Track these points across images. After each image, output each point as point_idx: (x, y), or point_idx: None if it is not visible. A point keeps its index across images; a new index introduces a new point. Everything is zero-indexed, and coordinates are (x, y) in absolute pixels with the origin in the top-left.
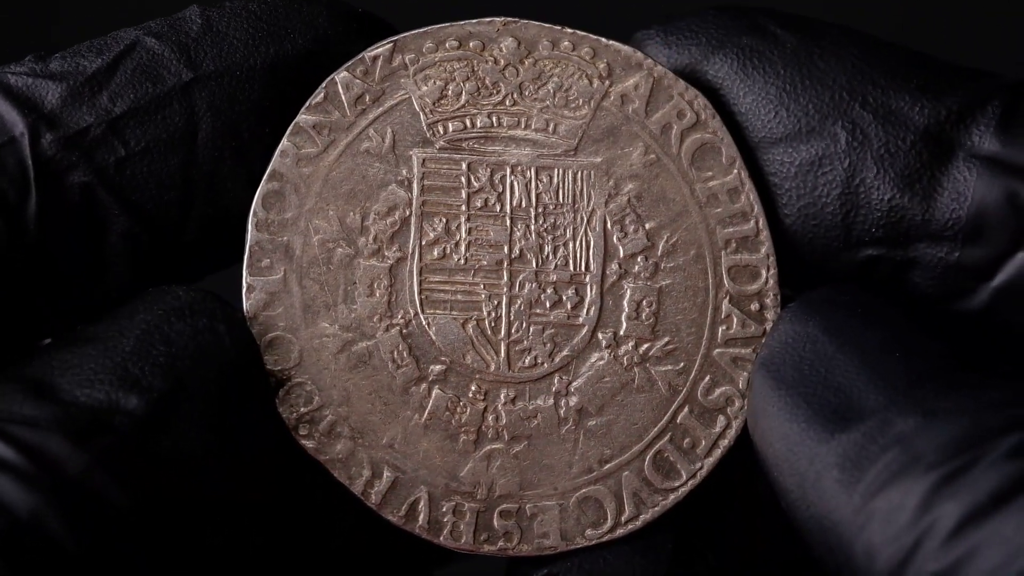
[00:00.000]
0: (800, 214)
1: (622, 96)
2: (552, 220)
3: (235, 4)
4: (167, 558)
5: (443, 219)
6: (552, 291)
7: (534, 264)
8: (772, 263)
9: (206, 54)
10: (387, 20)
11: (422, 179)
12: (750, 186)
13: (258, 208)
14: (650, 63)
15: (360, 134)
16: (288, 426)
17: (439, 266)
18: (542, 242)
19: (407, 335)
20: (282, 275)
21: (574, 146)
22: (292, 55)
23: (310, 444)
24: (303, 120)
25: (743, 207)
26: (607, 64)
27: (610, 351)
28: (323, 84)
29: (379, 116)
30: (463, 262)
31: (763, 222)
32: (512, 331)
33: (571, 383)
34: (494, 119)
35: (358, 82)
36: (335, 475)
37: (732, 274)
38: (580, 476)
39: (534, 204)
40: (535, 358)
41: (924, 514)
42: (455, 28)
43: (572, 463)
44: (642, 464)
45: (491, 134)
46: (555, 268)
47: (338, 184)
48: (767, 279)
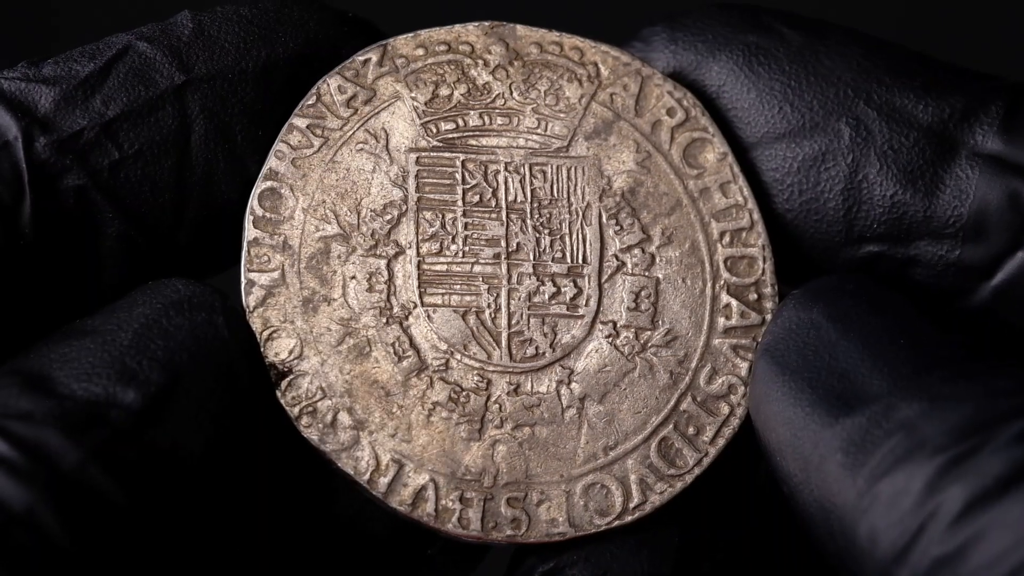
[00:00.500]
0: (802, 209)
1: (611, 95)
2: (547, 215)
3: (226, 8)
4: (164, 553)
5: (439, 214)
6: (551, 283)
7: (531, 257)
8: (768, 254)
9: (198, 57)
10: (376, 24)
11: (417, 176)
12: (743, 180)
13: (255, 206)
14: (638, 64)
15: (353, 134)
16: (291, 418)
17: (437, 259)
18: (538, 236)
19: (407, 327)
20: (280, 271)
21: (566, 143)
22: (283, 58)
23: (313, 435)
24: (297, 121)
25: (736, 200)
26: (595, 65)
27: (610, 340)
28: (314, 87)
29: (371, 117)
30: (461, 255)
31: (757, 214)
32: (512, 322)
33: (573, 372)
34: (486, 118)
35: (350, 85)
36: (339, 465)
37: (729, 265)
38: (586, 463)
39: (529, 199)
40: (536, 348)
41: (929, 498)
42: (444, 32)
43: (577, 451)
44: (647, 451)
45: (484, 133)
46: (552, 261)
47: (334, 182)
48: (764, 270)
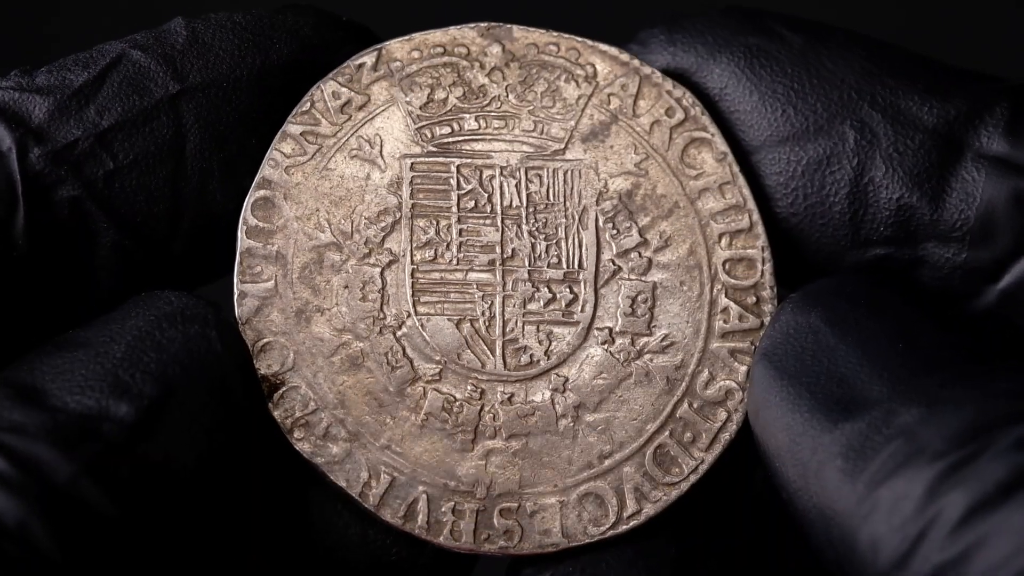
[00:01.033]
0: (807, 213)
1: (609, 96)
2: (543, 219)
3: (220, 16)
4: (156, 567)
5: (434, 221)
6: (546, 289)
7: (527, 263)
8: (768, 256)
9: (192, 65)
10: (371, 29)
11: (411, 182)
12: (742, 180)
13: (248, 215)
14: (636, 63)
15: (348, 140)
16: (283, 430)
17: (431, 267)
18: (534, 241)
19: (401, 336)
20: (273, 281)
21: (563, 146)
22: (278, 65)
23: (306, 447)
24: (291, 128)
25: (736, 201)
26: (593, 65)
27: (606, 347)
28: (309, 92)
29: (366, 122)
30: (455, 262)
31: (757, 216)
32: (507, 330)
33: (568, 380)
34: (482, 122)
35: (344, 90)
36: (332, 478)
37: (727, 268)
38: (580, 472)
39: (524, 204)
40: (531, 356)
41: (930, 503)
42: (440, 34)
43: (572, 459)
44: (643, 459)
45: (479, 137)
46: (548, 266)
47: (328, 190)
48: (763, 272)
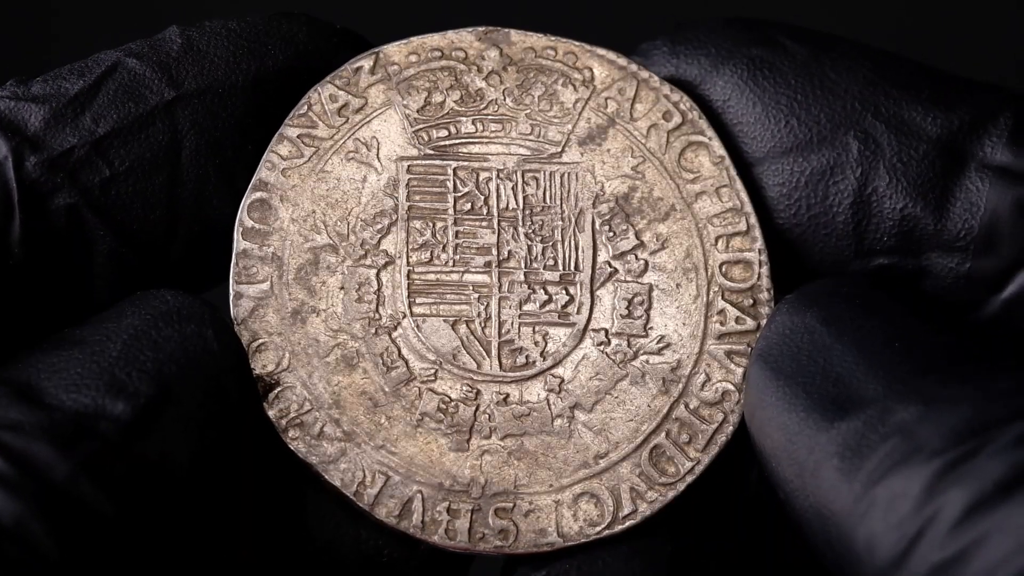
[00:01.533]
0: (811, 224)
1: (606, 99)
2: (540, 222)
3: (214, 23)
4: (152, 565)
5: (430, 223)
6: (542, 291)
7: (523, 265)
8: (765, 259)
9: (187, 72)
10: (365, 37)
11: (408, 184)
12: (740, 184)
13: (244, 217)
14: (634, 67)
15: (344, 143)
16: (278, 430)
17: (427, 269)
18: (530, 243)
19: (396, 337)
20: (269, 282)
21: (560, 149)
22: (273, 71)
23: (301, 447)
24: (288, 131)
25: (733, 204)
26: (590, 69)
27: (602, 348)
28: (307, 95)
29: (363, 125)
30: (451, 264)
31: (754, 219)
32: (503, 331)
33: (564, 381)
34: (479, 125)
35: (342, 93)
36: (327, 477)
37: (724, 270)
38: (576, 472)
39: (521, 207)
40: (527, 357)
41: (928, 502)
42: (437, 38)
43: (568, 459)
44: (639, 459)
45: (476, 140)
46: (544, 268)
47: (324, 192)
48: (760, 275)
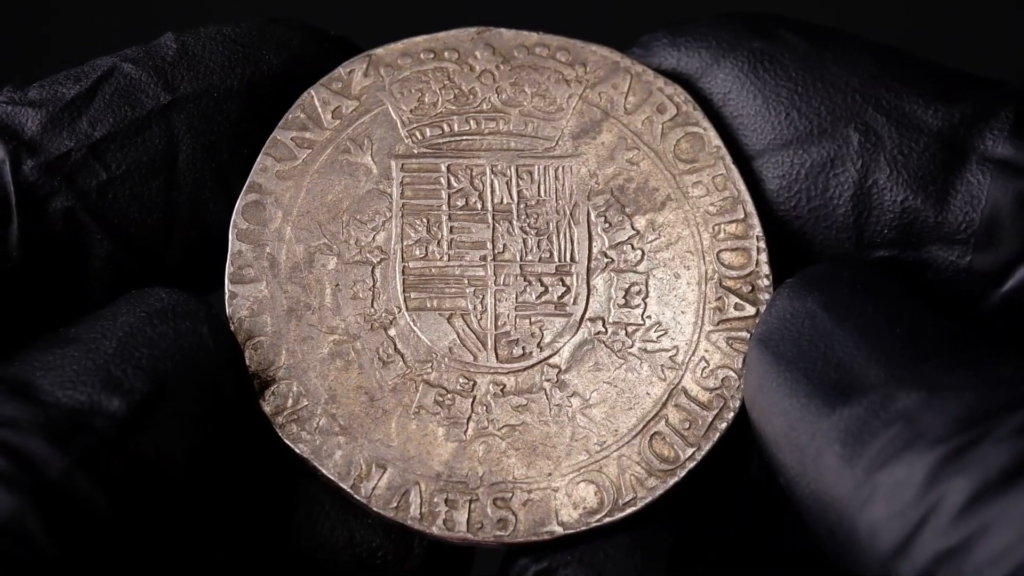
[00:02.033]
0: (811, 216)
1: (600, 94)
2: (535, 216)
3: (210, 29)
4: (147, 561)
5: (424, 219)
6: (538, 282)
7: (518, 258)
8: (762, 245)
9: (183, 77)
10: (359, 44)
11: (402, 182)
12: (736, 173)
13: (239, 219)
14: (627, 61)
15: (338, 145)
16: (274, 426)
17: (422, 264)
18: (525, 237)
19: (392, 332)
20: (265, 283)
21: (554, 144)
22: (268, 75)
23: (297, 443)
24: (281, 133)
25: (729, 192)
26: (583, 65)
27: (600, 337)
28: (301, 97)
29: (357, 127)
30: (446, 259)
31: (751, 206)
32: (499, 323)
33: (562, 371)
34: (472, 123)
35: (335, 96)
36: (324, 472)
37: (721, 257)
38: (575, 461)
39: (515, 201)
40: (523, 348)
41: (930, 489)
42: (430, 40)
43: (566, 448)
44: (639, 447)
45: (470, 137)
46: (539, 261)
47: (318, 193)
48: (758, 260)
